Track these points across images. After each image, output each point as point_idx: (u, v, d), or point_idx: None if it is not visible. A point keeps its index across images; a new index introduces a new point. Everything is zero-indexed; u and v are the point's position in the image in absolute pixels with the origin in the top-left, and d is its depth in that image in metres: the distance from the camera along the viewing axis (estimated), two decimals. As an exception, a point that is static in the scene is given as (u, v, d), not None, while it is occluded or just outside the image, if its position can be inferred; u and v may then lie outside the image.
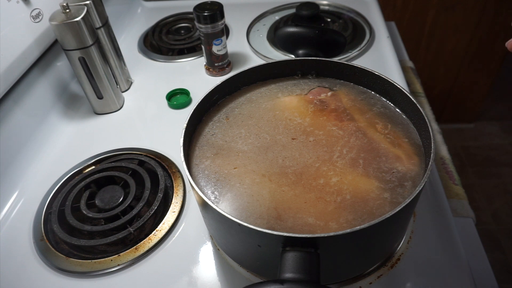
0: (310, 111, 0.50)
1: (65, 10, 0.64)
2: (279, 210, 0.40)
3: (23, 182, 0.64)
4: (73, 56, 0.67)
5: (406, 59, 0.99)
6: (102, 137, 0.72)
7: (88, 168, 0.64)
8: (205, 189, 0.43)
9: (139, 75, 0.85)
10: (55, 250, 0.53)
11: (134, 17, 1.06)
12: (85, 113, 0.77)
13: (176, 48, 0.91)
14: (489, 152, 1.80)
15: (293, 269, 0.32)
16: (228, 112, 0.52)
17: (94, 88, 0.72)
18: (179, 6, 1.05)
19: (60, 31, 0.64)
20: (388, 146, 0.45)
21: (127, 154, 0.66)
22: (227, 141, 0.48)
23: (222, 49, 0.79)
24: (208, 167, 0.45)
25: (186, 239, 0.54)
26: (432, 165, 0.38)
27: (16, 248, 0.55)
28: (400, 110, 0.49)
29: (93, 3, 0.70)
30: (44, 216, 0.58)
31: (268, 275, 0.45)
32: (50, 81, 0.74)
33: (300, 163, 0.44)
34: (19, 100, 0.66)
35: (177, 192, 0.59)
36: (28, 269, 0.52)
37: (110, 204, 0.57)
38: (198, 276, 0.49)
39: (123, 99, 0.79)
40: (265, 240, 0.36)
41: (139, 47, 0.95)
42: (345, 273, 0.45)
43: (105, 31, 0.74)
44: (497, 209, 1.58)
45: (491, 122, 1.91)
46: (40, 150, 0.68)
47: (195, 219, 0.56)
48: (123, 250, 0.52)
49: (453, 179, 0.70)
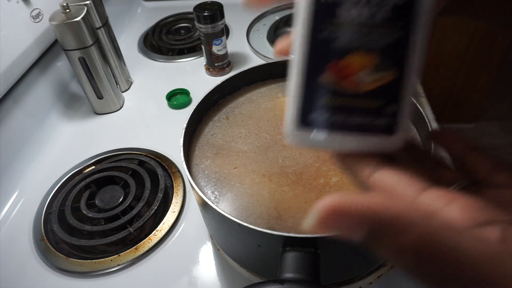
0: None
1: (65, 10, 0.64)
2: (279, 210, 0.40)
3: (23, 182, 0.64)
4: (73, 56, 0.67)
5: (406, 59, 0.99)
6: (102, 137, 0.72)
7: (88, 168, 0.64)
8: (205, 189, 0.43)
9: (139, 75, 0.85)
10: (55, 250, 0.53)
11: (134, 17, 1.06)
12: (85, 113, 0.77)
13: (176, 48, 0.91)
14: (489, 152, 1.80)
15: (293, 269, 0.32)
16: (228, 112, 0.52)
17: (94, 88, 0.72)
18: (179, 6, 1.05)
19: (60, 31, 0.64)
20: (388, 146, 0.45)
21: (127, 154, 0.66)
22: (227, 141, 0.48)
23: (222, 49, 0.78)
24: (208, 167, 0.45)
25: (186, 239, 0.54)
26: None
27: (16, 248, 0.55)
28: (400, 110, 0.49)
29: (93, 3, 0.70)
30: (44, 216, 0.58)
31: (268, 275, 0.45)
32: (50, 81, 0.74)
33: (300, 163, 0.44)
34: (19, 100, 0.66)
35: (177, 192, 0.59)
36: (28, 269, 0.52)
37: (110, 204, 0.57)
38: (198, 276, 0.49)
39: (123, 99, 0.79)
40: (265, 240, 0.36)
41: (139, 47, 0.95)
42: (345, 273, 0.45)
43: (105, 31, 0.74)
44: (497, 209, 1.58)
45: (491, 122, 1.91)
46: (40, 150, 0.68)
47: (195, 219, 0.56)
48: (123, 250, 0.52)
49: (453, 179, 0.70)
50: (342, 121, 0.21)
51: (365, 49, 0.20)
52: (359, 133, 0.21)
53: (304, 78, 0.21)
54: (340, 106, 0.21)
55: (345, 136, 0.21)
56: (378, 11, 0.19)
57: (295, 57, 0.21)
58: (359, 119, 0.21)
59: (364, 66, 0.20)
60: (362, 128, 0.21)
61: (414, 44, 0.20)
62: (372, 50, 0.20)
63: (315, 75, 0.21)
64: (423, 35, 0.20)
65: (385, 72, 0.20)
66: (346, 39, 0.20)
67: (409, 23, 0.19)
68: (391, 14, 0.19)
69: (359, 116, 0.21)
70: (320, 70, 0.20)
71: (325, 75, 0.20)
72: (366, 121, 0.21)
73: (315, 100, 0.21)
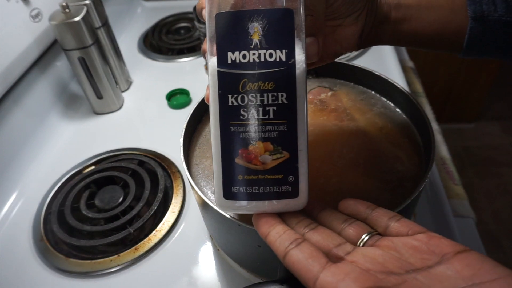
0: (310, 111, 0.50)
1: (64, 10, 0.64)
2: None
3: (22, 182, 0.63)
4: (73, 56, 0.67)
5: (406, 59, 0.99)
6: (102, 137, 0.71)
7: (88, 168, 0.64)
8: (205, 189, 0.43)
9: (139, 75, 0.85)
10: (55, 250, 0.53)
11: (134, 17, 1.05)
12: (84, 113, 0.77)
13: (176, 48, 0.91)
14: (489, 152, 1.79)
15: (293, 270, 0.32)
16: (228, 112, 0.52)
17: (94, 88, 0.72)
18: (179, 6, 1.05)
19: (59, 31, 0.64)
20: (388, 146, 0.45)
21: (127, 154, 0.66)
22: (227, 141, 0.48)
23: (222, 49, 0.78)
24: (208, 167, 0.45)
25: (186, 239, 0.53)
26: (432, 165, 0.38)
27: (15, 249, 0.55)
28: (400, 110, 0.49)
29: (93, 3, 0.69)
30: (43, 216, 0.58)
31: (268, 275, 0.45)
32: (49, 81, 0.74)
33: (300, 163, 0.44)
34: (19, 100, 0.66)
35: (177, 192, 0.59)
36: (28, 270, 0.52)
37: (110, 204, 0.57)
38: (198, 276, 0.49)
39: (123, 99, 0.79)
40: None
41: (139, 47, 0.95)
42: (345, 273, 0.45)
43: (105, 31, 0.74)
44: (498, 209, 1.58)
45: (492, 122, 1.91)
46: (40, 150, 0.68)
47: (195, 219, 0.55)
48: (123, 250, 0.52)
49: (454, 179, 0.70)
50: (256, 191, 0.28)
51: (262, 139, 0.27)
52: (271, 199, 0.28)
53: (221, 162, 0.28)
54: (253, 180, 0.27)
55: (262, 202, 0.28)
56: (267, 112, 0.27)
57: (213, 145, 0.28)
58: (269, 188, 0.27)
59: (264, 151, 0.27)
60: (273, 195, 0.28)
61: (295, 133, 0.27)
62: (266, 140, 0.27)
63: (230, 160, 0.28)
64: (302, 126, 0.27)
65: (279, 154, 0.27)
66: (247, 133, 0.27)
67: (289, 119, 0.27)
68: (276, 114, 0.27)
69: (269, 186, 0.27)
70: (232, 156, 0.27)
71: (237, 159, 0.27)
72: (275, 189, 0.27)
73: (233, 178, 0.28)
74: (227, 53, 0.27)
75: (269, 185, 0.27)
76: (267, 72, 0.27)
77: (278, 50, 0.27)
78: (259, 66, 0.27)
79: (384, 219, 0.27)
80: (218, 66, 0.27)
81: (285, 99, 0.27)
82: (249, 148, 0.27)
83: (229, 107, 0.27)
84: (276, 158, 0.27)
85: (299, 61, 0.27)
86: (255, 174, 0.27)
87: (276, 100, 0.27)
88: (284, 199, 0.28)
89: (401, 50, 1.01)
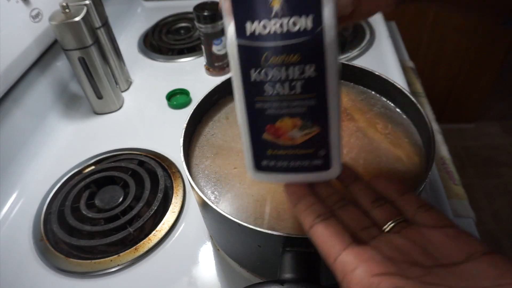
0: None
1: (64, 10, 0.64)
2: (279, 210, 0.39)
3: (22, 182, 0.63)
4: (73, 56, 0.67)
5: (407, 59, 0.99)
6: (102, 137, 0.71)
7: (87, 168, 0.64)
8: (205, 189, 0.43)
9: (139, 75, 0.85)
10: (55, 250, 0.53)
11: (134, 17, 1.05)
12: (84, 113, 0.77)
13: (176, 48, 0.91)
14: (489, 152, 1.79)
15: (293, 269, 0.32)
16: (228, 112, 0.52)
17: (94, 88, 0.72)
18: (179, 6, 1.05)
19: (59, 31, 0.64)
20: (389, 146, 0.45)
21: (126, 154, 0.65)
22: (227, 141, 0.48)
23: (222, 49, 0.78)
24: (208, 167, 0.45)
25: (186, 239, 0.53)
26: (432, 165, 0.38)
27: (15, 248, 0.55)
28: (400, 110, 0.49)
29: (93, 3, 0.69)
30: (43, 216, 0.58)
31: (268, 275, 0.45)
32: (49, 81, 0.74)
33: (300, 163, 0.44)
34: (19, 100, 0.66)
35: (177, 192, 0.59)
36: (28, 269, 0.52)
37: (110, 204, 0.57)
38: (198, 276, 0.49)
39: (123, 99, 0.79)
40: (265, 240, 0.36)
41: (139, 47, 0.95)
42: (345, 273, 0.45)
43: (105, 31, 0.74)
44: (498, 209, 1.58)
45: (492, 122, 1.91)
46: (39, 150, 0.68)
47: (195, 219, 0.55)
48: (123, 250, 0.52)
49: (454, 179, 0.70)
50: (287, 165, 0.27)
51: (289, 115, 0.26)
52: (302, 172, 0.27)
53: (250, 137, 0.27)
54: (282, 155, 0.27)
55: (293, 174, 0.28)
56: (294, 86, 0.25)
57: (240, 122, 0.27)
58: (300, 162, 0.27)
59: (292, 127, 0.26)
60: (304, 169, 0.27)
61: (326, 107, 0.25)
62: (294, 115, 0.25)
63: (258, 135, 0.27)
64: (333, 100, 0.25)
65: (309, 130, 0.26)
66: (273, 109, 0.26)
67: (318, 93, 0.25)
68: (304, 88, 0.25)
69: (299, 160, 0.27)
70: (260, 132, 0.27)
71: (265, 135, 0.27)
72: (305, 163, 0.27)
73: (262, 152, 0.28)
74: (245, 23, 0.24)
75: (299, 160, 0.27)
76: (292, 43, 0.24)
77: (303, 17, 0.23)
78: (282, 37, 0.24)
79: (414, 206, 0.26)
80: (237, 38, 0.24)
81: (314, 71, 0.24)
82: (276, 124, 0.26)
83: (252, 82, 0.25)
84: (306, 133, 0.26)
85: (328, 26, 0.23)
86: (284, 149, 0.27)
87: (303, 74, 0.24)
88: (316, 172, 0.27)
89: (401, 50, 1.01)
